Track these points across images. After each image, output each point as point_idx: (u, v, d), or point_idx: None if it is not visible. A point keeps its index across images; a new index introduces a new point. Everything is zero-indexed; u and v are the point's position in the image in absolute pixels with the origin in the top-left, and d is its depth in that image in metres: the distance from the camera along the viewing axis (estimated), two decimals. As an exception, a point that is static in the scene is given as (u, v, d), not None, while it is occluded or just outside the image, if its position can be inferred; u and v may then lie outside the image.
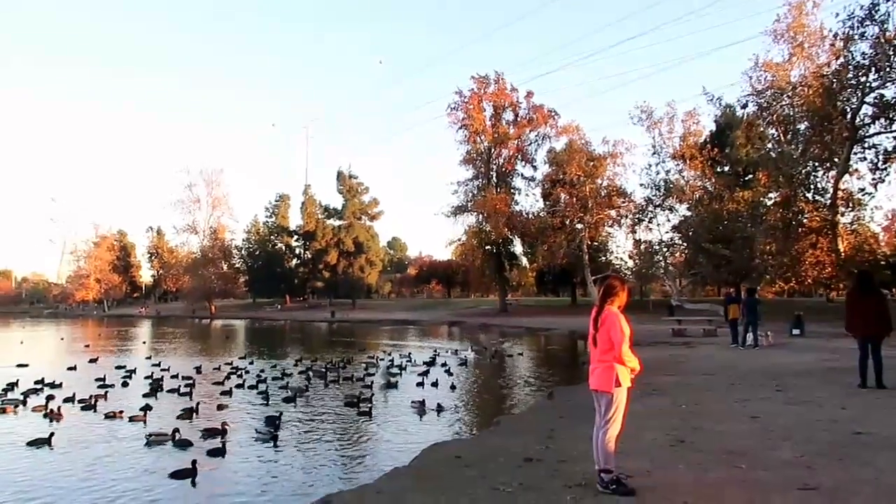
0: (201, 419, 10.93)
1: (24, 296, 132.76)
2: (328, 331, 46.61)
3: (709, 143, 44.45)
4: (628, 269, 55.09)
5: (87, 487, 7.21)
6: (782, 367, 14.49)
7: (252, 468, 7.96)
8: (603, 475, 5.43)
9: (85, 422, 10.98)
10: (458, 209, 58.03)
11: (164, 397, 13.61)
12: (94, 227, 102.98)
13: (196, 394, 13.70)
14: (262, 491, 7.03)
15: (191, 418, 10.94)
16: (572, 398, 11.99)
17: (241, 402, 12.88)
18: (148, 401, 12.52)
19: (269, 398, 12.95)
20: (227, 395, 13.63)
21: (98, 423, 10.77)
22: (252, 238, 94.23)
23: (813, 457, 6.35)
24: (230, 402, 12.92)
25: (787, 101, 35.21)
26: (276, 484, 7.33)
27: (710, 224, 39.70)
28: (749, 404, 9.67)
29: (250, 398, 13.38)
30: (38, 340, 36.57)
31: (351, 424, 10.72)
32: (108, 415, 11.19)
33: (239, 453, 8.64)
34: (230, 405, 12.49)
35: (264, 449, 8.90)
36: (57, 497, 6.88)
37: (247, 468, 7.96)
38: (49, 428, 9.81)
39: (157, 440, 9.08)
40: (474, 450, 7.78)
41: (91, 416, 11.52)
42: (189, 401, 12.66)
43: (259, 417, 11.03)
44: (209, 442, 9.09)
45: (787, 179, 34.40)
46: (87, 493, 7.01)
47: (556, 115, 55.71)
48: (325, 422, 10.93)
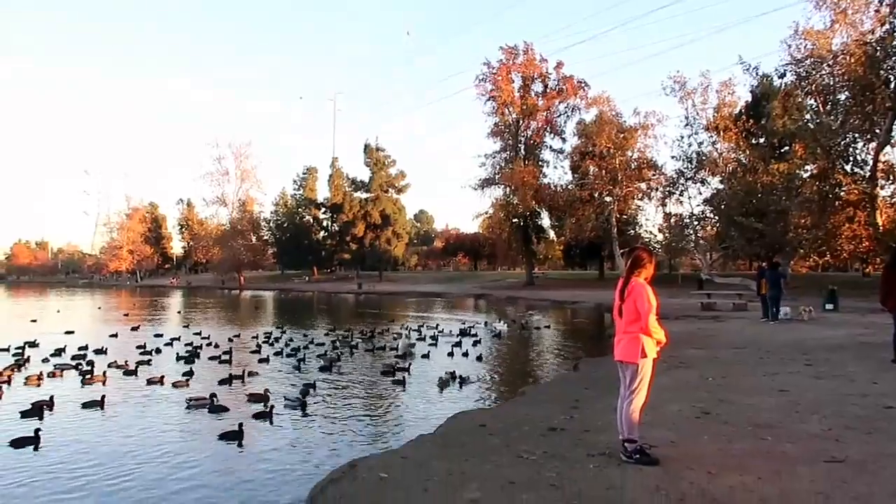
0: (245, 385, 11.38)
1: (59, 266, 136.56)
2: (355, 302, 47.13)
3: (744, 114, 43.25)
4: (658, 242, 54.39)
5: (141, 446, 7.59)
6: (814, 341, 14.27)
7: (282, 434, 8.17)
8: (627, 445, 5.45)
9: (130, 386, 11.42)
10: (486, 182, 57.67)
11: (205, 364, 14.03)
12: (126, 200, 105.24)
13: (235, 361, 14.16)
14: (291, 455, 7.24)
15: (231, 384, 11.40)
16: (598, 370, 11.99)
17: (276, 370, 13.22)
18: (190, 367, 13.05)
19: (302, 367, 13.40)
20: (264, 363, 14.06)
21: (142, 388, 11.20)
22: (280, 210, 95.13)
23: (841, 430, 6.27)
24: (267, 369, 13.36)
25: (827, 69, 34.03)
26: (305, 449, 7.52)
27: (743, 197, 38.86)
28: (778, 378, 9.57)
29: (286, 366, 13.73)
30: (76, 309, 37.66)
31: (380, 393, 10.90)
32: (150, 380, 11.60)
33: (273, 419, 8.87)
34: (266, 373, 12.86)
35: (297, 416, 9.11)
36: (114, 455, 7.22)
37: (278, 434, 8.17)
38: (100, 390, 10.28)
39: (196, 405, 9.43)
40: (499, 419, 7.85)
41: (134, 381, 11.96)
42: (229, 367, 13.17)
43: (296, 385, 11.32)
44: (253, 407, 9.38)
45: (824, 151, 33.42)
46: (142, 450, 7.39)
47: (586, 87, 54.74)
48: (355, 390, 11.13)
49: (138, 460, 7.00)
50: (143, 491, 6.02)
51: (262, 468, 6.75)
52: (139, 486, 6.15)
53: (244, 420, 8.23)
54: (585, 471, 5.33)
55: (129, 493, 5.97)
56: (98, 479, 6.36)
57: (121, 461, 6.94)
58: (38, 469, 6.63)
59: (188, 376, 11.89)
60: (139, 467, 6.75)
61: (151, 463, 6.92)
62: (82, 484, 6.20)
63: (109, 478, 6.38)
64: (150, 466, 6.80)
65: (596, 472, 5.29)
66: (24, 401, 9.68)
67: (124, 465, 6.80)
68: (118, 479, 6.33)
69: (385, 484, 5.31)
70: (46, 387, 11.11)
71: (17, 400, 9.95)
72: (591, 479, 5.10)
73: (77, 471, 6.59)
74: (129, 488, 6.09)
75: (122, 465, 6.80)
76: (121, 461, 6.94)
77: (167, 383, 11.45)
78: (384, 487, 5.22)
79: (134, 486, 6.15)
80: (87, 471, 6.60)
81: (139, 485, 6.20)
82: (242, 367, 12.93)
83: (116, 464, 6.84)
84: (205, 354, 15.24)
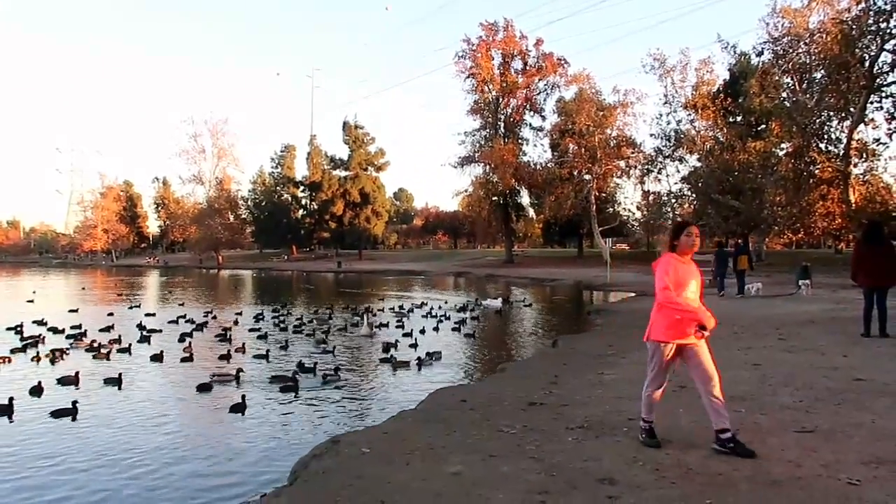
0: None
1: (32, 246, 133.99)
2: (335, 281, 47.02)
3: (722, 92, 43.58)
4: (636, 220, 55.00)
5: (158, 418, 7.88)
6: (787, 316, 14.59)
7: (265, 412, 8.19)
8: (642, 423, 5.37)
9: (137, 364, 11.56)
10: (465, 160, 57.57)
11: (204, 339, 14.40)
12: (100, 178, 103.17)
13: (235, 338, 14.32)
14: (274, 431, 7.30)
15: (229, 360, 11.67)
16: (575, 346, 12.17)
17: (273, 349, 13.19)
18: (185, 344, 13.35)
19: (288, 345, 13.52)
20: (262, 339, 14.35)
21: (149, 364, 11.50)
22: (258, 189, 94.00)
23: (811, 402, 6.46)
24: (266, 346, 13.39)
25: (803, 48, 34.37)
26: (288, 425, 7.58)
27: (720, 175, 39.34)
28: (751, 352, 9.79)
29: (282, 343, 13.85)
30: (56, 290, 36.95)
31: (362, 370, 10.94)
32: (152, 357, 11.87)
33: (255, 399, 8.89)
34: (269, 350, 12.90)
35: (279, 394, 9.11)
36: (139, 419, 7.81)
37: (260, 412, 8.19)
38: (119, 368, 10.45)
39: (220, 380, 9.68)
40: (479, 394, 7.94)
41: (136, 359, 12.08)
42: (229, 345, 13.29)
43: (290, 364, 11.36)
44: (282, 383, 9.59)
45: (800, 129, 33.87)
46: (159, 423, 7.67)
47: (565, 64, 54.67)
48: (342, 370, 11.13)
49: (135, 432, 7.27)
50: (131, 467, 6.05)
51: (245, 444, 6.79)
52: (131, 459, 6.23)
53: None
54: (564, 443, 5.44)
55: (116, 463, 6.00)
56: (98, 446, 6.52)
57: (120, 434, 7.21)
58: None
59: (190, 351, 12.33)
60: (133, 439, 6.92)
61: (146, 435, 7.05)
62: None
63: (102, 448, 6.45)
64: (143, 438, 6.96)
65: (574, 444, 5.40)
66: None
67: (119, 437, 7.08)
68: (105, 450, 6.37)
69: (367, 458, 5.37)
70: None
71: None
72: (570, 451, 5.21)
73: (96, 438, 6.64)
74: (119, 457, 6.15)
75: (117, 437, 7.08)
76: (120, 434, 7.21)
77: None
78: (366, 462, 5.28)
79: (127, 459, 6.25)
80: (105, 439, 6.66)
81: (131, 457, 6.32)
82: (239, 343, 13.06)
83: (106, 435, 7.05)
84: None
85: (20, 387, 9.24)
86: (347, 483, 4.76)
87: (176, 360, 11.67)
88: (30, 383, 9.36)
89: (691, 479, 4.42)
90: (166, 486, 5.60)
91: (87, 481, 5.76)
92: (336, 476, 5.00)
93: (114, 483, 5.70)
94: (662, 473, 4.55)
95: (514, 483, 4.51)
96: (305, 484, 4.98)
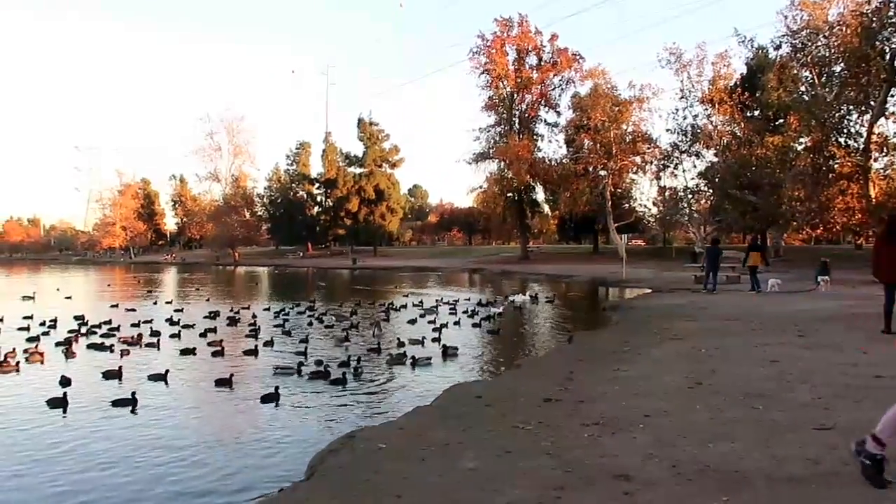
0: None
1: (52, 243, 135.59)
2: (350, 278, 47.19)
3: (739, 86, 43.12)
4: (652, 216, 54.58)
5: (182, 412, 8.14)
6: (805, 313, 14.42)
7: (281, 407, 8.26)
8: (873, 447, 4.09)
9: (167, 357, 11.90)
10: (480, 156, 57.46)
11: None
12: (118, 175, 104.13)
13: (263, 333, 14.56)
14: (291, 427, 7.36)
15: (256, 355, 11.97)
16: (591, 343, 12.13)
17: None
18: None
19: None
20: (287, 335, 14.52)
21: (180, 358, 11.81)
22: (274, 186, 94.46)
23: (830, 399, 6.39)
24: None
25: (823, 41, 33.91)
26: (304, 420, 7.65)
27: (737, 170, 38.91)
28: (769, 349, 9.70)
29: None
30: (82, 287, 37.32)
31: (378, 366, 10.95)
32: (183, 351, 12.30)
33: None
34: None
35: (295, 389, 9.16)
36: (193, 402, 8.38)
37: (277, 407, 8.26)
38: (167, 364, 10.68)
39: (282, 372, 9.99)
40: (495, 390, 7.96)
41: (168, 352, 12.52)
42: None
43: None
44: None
45: (819, 123, 33.42)
46: (179, 417, 7.90)
47: (580, 59, 54.36)
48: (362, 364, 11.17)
49: (156, 426, 7.46)
50: (149, 462, 6.14)
51: (263, 439, 6.86)
52: (150, 453, 6.36)
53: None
54: (580, 440, 5.43)
55: (137, 456, 6.10)
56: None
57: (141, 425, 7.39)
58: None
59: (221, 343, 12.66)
60: (154, 432, 7.08)
61: (163, 430, 7.17)
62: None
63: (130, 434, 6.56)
64: (160, 433, 7.10)
65: (590, 440, 5.40)
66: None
67: (142, 430, 7.28)
68: (127, 443, 6.47)
69: (383, 454, 5.40)
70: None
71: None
72: (586, 447, 5.21)
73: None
74: (137, 452, 6.27)
75: (137, 430, 7.28)
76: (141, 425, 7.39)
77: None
78: (382, 457, 5.31)
79: (147, 453, 6.38)
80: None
81: (151, 451, 6.45)
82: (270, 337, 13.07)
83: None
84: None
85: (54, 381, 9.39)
86: (364, 478, 4.80)
87: (207, 354, 11.98)
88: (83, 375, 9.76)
89: (708, 476, 4.40)
90: (183, 481, 5.67)
91: (116, 473, 5.89)
92: (353, 471, 5.04)
93: (135, 476, 5.80)
94: (679, 470, 4.54)
95: (529, 479, 4.52)
96: (322, 479, 5.03)
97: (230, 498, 5.28)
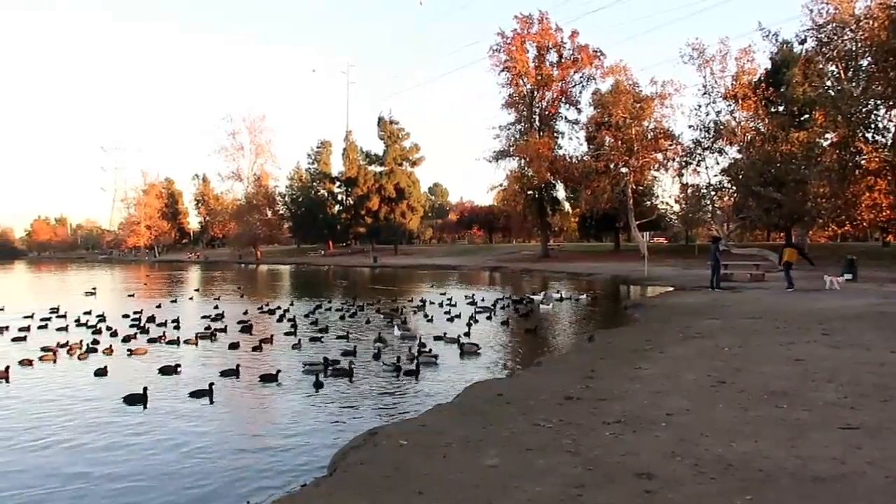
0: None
1: (79, 242, 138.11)
2: (371, 276, 47.37)
3: (763, 81, 42.41)
4: (674, 213, 54.01)
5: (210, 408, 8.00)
6: (831, 311, 14.20)
7: (304, 403, 8.38)
8: None
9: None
10: (500, 154, 57.29)
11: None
12: (142, 175, 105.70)
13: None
14: (313, 423, 7.45)
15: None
16: (612, 341, 12.05)
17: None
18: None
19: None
20: (324, 332, 14.78)
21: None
22: (295, 185, 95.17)
23: (856, 398, 6.31)
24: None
25: (849, 35, 33.22)
26: (327, 417, 7.72)
27: (761, 167, 38.34)
28: (794, 347, 9.58)
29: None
30: (119, 285, 37.89)
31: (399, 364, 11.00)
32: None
33: (296, 390, 9.09)
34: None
35: (318, 386, 9.28)
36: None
37: (300, 403, 8.39)
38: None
39: (312, 369, 10.15)
40: (516, 388, 7.96)
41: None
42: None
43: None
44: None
45: (845, 119, 32.78)
46: (207, 412, 7.84)
47: (601, 56, 53.94)
48: (375, 362, 11.26)
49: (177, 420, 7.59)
50: (173, 459, 6.25)
51: (285, 435, 6.96)
52: (177, 448, 6.44)
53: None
54: (601, 438, 5.43)
55: (164, 450, 6.21)
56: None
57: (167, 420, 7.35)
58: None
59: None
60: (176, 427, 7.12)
61: (182, 424, 7.24)
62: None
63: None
64: (180, 428, 7.14)
65: (612, 438, 5.39)
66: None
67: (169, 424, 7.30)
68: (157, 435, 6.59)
69: (405, 450, 5.44)
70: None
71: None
72: (607, 445, 5.20)
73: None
74: (162, 449, 6.36)
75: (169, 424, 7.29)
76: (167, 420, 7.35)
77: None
78: (404, 454, 5.35)
79: (173, 448, 6.46)
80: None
81: (178, 446, 6.53)
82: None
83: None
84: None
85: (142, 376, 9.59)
86: (385, 474, 4.84)
87: (248, 350, 12.45)
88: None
89: (731, 475, 4.38)
90: (209, 476, 5.77)
91: (147, 465, 6.05)
92: (374, 467, 5.08)
93: (159, 469, 5.93)
94: (702, 468, 4.52)
95: (550, 476, 4.53)
96: (344, 474, 5.08)
97: (254, 492, 5.36)
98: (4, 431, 7.20)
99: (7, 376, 9.83)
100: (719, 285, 21.58)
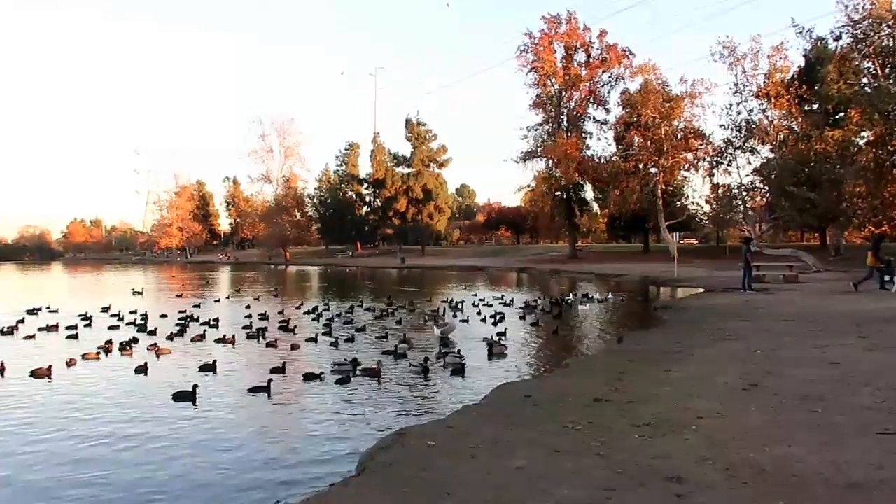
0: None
1: (113, 244, 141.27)
2: (399, 277, 47.57)
3: (796, 79, 41.58)
4: (705, 214, 53.20)
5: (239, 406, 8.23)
6: (868, 313, 13.87)
7: (331, 403, 8.43)
8: None
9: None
10: (528, 154, 57.14)
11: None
12: (174, 178, 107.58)
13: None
14: (341, 423, 7.48)
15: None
16: (642, 342, 11.94)
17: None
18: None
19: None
20: (361, 331, 15.07)
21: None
22: (323, 186, 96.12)
23: (894, 403, 6.15)
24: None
25: (886, 30, 32.40)
26: (355, 417, 7.75)
27: (794, 166, 37.58)
28: (829, 350, 9.38)
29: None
30: (164, 285, 38.66)
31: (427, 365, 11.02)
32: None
33: (324, 390, 9.19)
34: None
35: (345, 386, 9.35)
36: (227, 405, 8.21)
37: (327, 403, 8.44)
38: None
39: (339, 370, 10.25)
40: (544, 390, 7.93)
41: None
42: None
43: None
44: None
45: (882, 116, 32.01)
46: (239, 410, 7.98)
47: (630, 55, 53.45)
48: (402, 363, 11.30)
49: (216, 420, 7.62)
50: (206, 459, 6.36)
51: (313, 435, 7.01)
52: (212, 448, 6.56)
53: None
54: (630, 440, 5.38)
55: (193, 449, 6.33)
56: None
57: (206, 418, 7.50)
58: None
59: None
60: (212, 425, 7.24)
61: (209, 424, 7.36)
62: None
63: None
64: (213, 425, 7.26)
65: (641, 441, 5.34)
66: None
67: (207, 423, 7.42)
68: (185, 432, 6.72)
69: (433, 451, 5.46)
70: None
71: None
72: (637, 448, 5.16)
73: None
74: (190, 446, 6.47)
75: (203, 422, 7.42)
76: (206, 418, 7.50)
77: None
78: (432, 454, 5.37)
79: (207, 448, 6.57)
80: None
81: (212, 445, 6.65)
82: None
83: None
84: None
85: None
86: (414, 475, 4.86)
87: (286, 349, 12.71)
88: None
89: (764, 480, 4.31)
90: (238, 475, 5.84)
91: (169, 464, 6.11)
92: (403, 468, 5.11)
93: (186, 469, 6.03)
94: (733, 473, 4.46)
95: (579, 479, 4.51)
96: (373, 475, 5.12)
97: (282, 491, 5.42)
98: (74, 424, 7.47)
99: (72, 365, 10.77)
100: (751, 287, 21.25)
